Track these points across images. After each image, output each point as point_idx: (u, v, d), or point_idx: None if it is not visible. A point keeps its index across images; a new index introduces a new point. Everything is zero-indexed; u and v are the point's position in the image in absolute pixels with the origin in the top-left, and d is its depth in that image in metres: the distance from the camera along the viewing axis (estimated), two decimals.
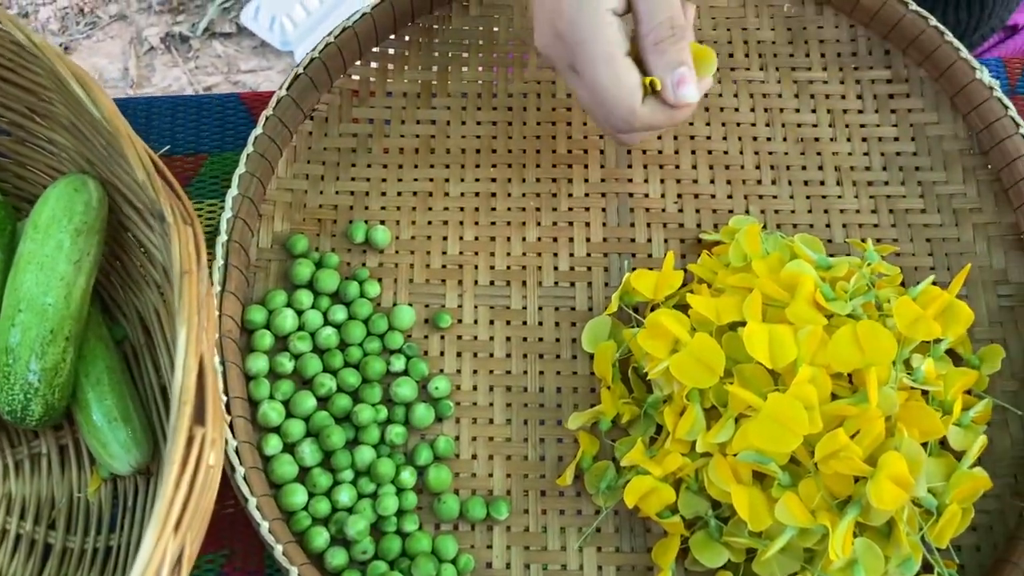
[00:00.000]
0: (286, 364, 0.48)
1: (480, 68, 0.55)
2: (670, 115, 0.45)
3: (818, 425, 0.40)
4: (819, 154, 0.53)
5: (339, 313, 0.49)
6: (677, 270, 0.47)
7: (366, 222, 0.52)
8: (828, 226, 0.52)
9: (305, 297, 0.49)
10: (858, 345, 0.41)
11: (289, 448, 0.47)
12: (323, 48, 0.52)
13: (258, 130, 0.50)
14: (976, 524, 0.46)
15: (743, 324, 0.43)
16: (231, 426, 0.45)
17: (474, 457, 0.48)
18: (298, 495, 0.46)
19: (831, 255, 0.51)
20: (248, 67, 1.60)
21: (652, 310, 0.48)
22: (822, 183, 0.53)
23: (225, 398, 0.45)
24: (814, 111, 0.54)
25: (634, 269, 0.51)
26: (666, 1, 0.43)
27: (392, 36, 0.56)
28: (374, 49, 0.55)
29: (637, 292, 0.47)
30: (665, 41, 0.43)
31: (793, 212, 0.52)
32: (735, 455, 0.42)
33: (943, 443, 0.45)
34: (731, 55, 0.55)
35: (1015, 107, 0.56)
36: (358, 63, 0.55)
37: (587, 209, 0.53)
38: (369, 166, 0.53)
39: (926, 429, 0.42)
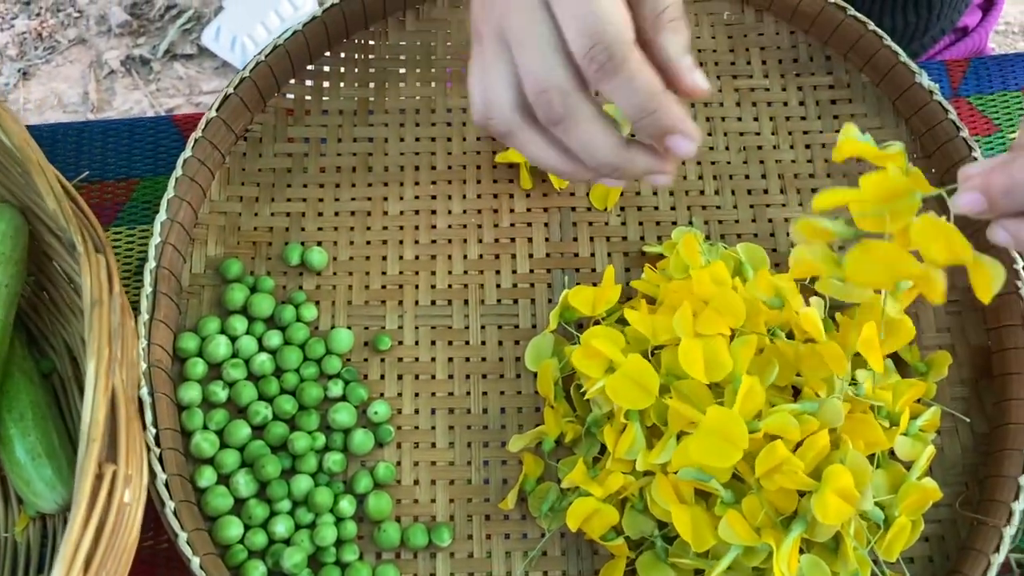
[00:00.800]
0: (219, 393, 0.47)
1: (418, 83, 0.54)
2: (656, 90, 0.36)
3: (759, 438, 0.39)
4: (762, 162, 0.52)
5: (274, 338, 0.48)
6: (618, 284, 0.46)
7: (302, 244, 0.50)
8: (772, 235, 0.51)
9: (239, 323, 0.48)
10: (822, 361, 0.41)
11: (224, 479, 0.46)
12: (253, 67, 0.51)
13: (187, 153, 0.49)
14: (928, 535, 0.45)
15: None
16: (160, 459, 0.43)
17: (416, 483, 0.46)
18: (233, 528, 0.44)
19: (776, 264, 0.50)
20: (210, 88, 1.58)
21: (596, 325, 0.47)
22: (766, 191, 0.52)
23: (154, 430, 0.44)
24: (756, 119, 0.53)
25: (578, 283, 0.50)
26: None
27: (327, 53, 0.54)
28: (308, 67, 0.54)
29: (576, 309, 0.46)
30: (679, 20, 0.38)
31: (737, 222, 0.51)
32: (675, 473, 0.41)
33: (892, 453, 0.44)
34: None
35: (959, 110, 0.56)
36: (292, 81, 0.54)
37: (529, 224, 0.52)
38: (305, 186, 0.52)
39: (871, 441, 0.41)
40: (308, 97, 0.54)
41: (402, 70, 0.55)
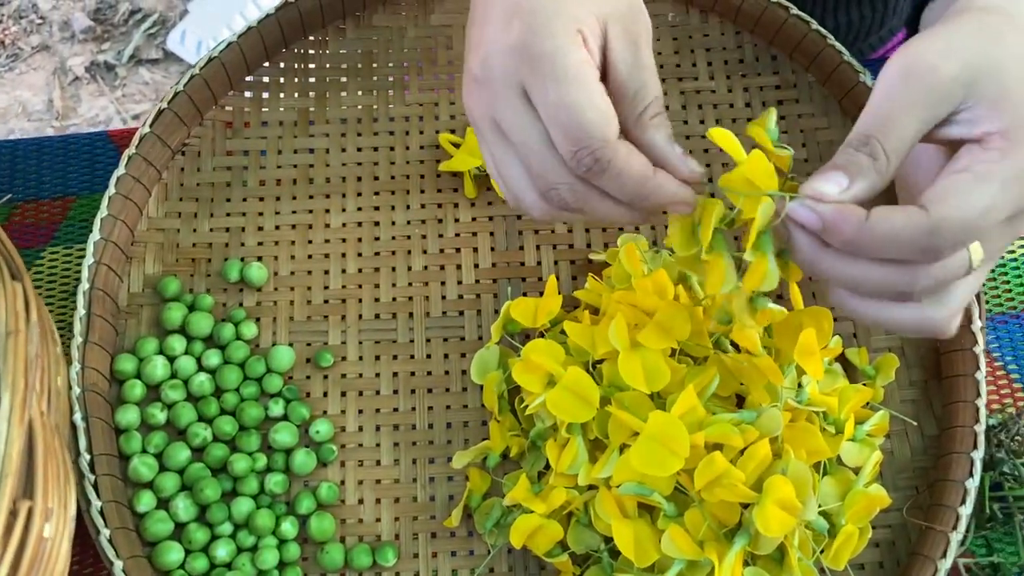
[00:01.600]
0: (158, 415, 0.46)
1: (359, 92, 0.53)
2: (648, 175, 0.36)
3: (700, 448, 0.39)
4: (708, 165, 0.52)
5: (213, 358, 0.47)
6: (560, 295, 0.45)
7: (242, 259, 0.49)
8: None
9: (177, 343, 0.47)
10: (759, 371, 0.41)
11: (163, 504, 0.45)
12: (188, 81, 0.50)
13: (120, 170, 0.48)
14: (878, 540, 0.45)
15: None
16: (95, 486, 0.43)
17: (360, 502, 0.46)
18: (173, 553, 0.43)
19: None
20: None
21: (541, 336, 0.47)
22: (712, 195, 0.51)
23: (88, 456, 0.43)
24: (703, 121, 0.53)
25: (525, 294, 0.49)
26: (655, 78, 0.38)
27: (265, 64, 0.53)
28: (247, 78, 0.53)
29: (517, 321, 0.45)
30: (661, 115, 0.38)
31: None
32: (618, 487, 0.40)
33: (841, 458, 0.44)
34: None
35: None
36: (230, 93, 0.53)
37: (474, 234, 0.51)
38: (245, 200, 0.51)
39: (813, 450, 0.40)
40: (247, 109, 0.53)
41: (343, 79, 0.54)
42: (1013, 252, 0.51)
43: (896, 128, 0.34)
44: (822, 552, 0.41)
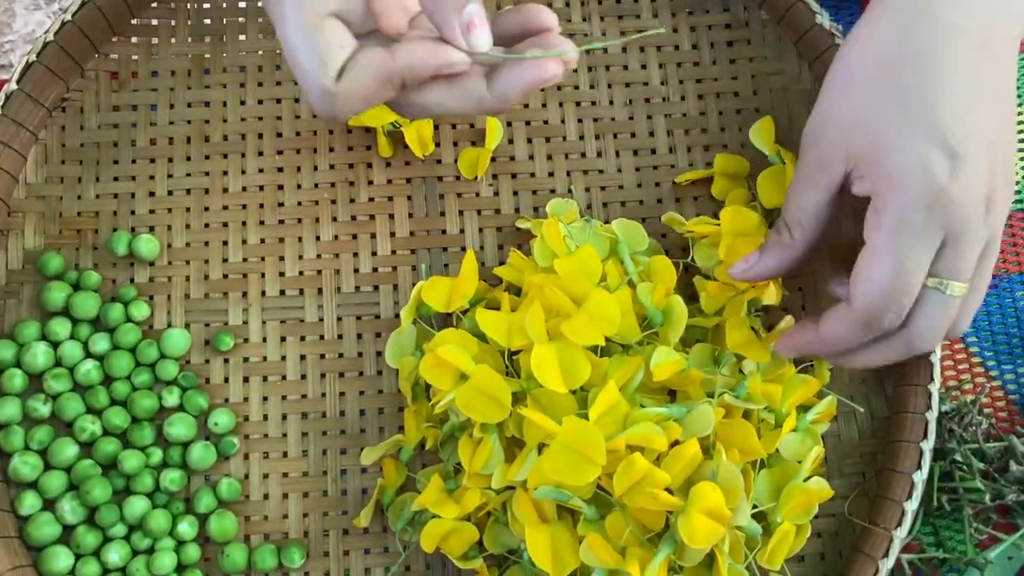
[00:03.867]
0: (41, 408, 0.42)
1: (261, 35, 0.48)
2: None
3: (622, 451, 0.35)
4: (650, 117, 0.47)
5: (101, 343, 0.43)
6: (487, 266, 0.41)
7: (132, 230, 0.45)
8: (660, 201, 0.46)
9: (60, 327, 0.43)
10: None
11: (50, 505, 0.41)
12: (58, 29, 0.44)
13: None
14: (820, 530, 0.42)
15: None
16: None
17: (265, 497, 0.42)
18: (61, 559, 0.40)
19: (663, 235, 0.45)
20: None
21: (464, 314, 0.43)
22: (654, 151, 0.46)
23: None
24: (644, 66, 0.47)
25: (447, 266, 0.45)
26: None
27: (154, 4, 0.47)
28: (133, 21, 0.47)
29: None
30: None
31: (622, 187, 0.46)
32: (535, 490, 0.37)
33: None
34: (550, 3, 0.48)
35: None
36: (115, 39, 0.47)
37: (390, 198, 0.46)
38: (134, 162, 0.46)
39: (746, 449, 0.37)
40: (135, 57, 0.47)
41: (241, 19, 0.48)
42: None
43: (792, 199, 0.38)
44: (756, 553, 0.38)
